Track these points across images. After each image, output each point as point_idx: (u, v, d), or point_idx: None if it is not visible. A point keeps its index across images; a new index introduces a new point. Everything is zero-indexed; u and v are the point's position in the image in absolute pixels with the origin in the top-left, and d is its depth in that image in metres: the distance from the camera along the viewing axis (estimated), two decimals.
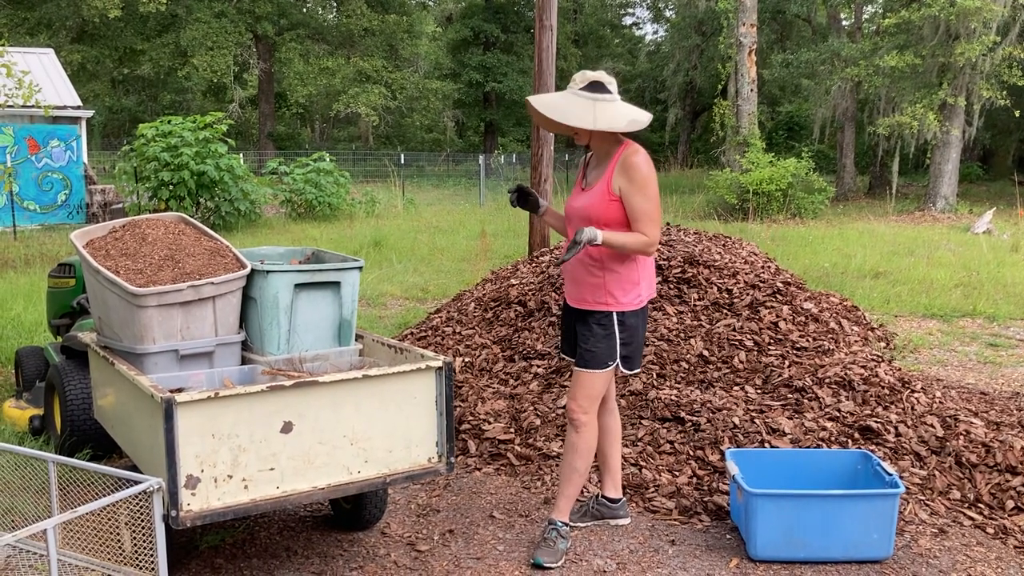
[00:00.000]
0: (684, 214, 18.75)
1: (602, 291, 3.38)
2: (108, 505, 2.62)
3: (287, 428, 2.90)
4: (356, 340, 3.70)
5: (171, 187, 15.45)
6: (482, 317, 6.04)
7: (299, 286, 3.45)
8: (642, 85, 44.04)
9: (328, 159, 18.86)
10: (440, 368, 3.18)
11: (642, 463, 4.19)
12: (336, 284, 3.56)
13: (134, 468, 3.37)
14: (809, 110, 28.92)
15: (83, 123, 18.59)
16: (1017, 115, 20.00)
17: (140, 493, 2.66)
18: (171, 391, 2.90)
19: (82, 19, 28.05)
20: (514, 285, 6.18)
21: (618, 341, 3.40)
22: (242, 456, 2.84)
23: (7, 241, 14.24)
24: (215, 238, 3.62)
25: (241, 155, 18.17)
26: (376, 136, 39.86)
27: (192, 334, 3.33)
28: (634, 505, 3.94)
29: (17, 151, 17.39)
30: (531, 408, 4.77)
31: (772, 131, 33.20)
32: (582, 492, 4.00)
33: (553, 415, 4.67)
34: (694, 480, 4.06)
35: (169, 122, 16.07)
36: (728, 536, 3.65)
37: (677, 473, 4.11)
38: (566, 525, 3.53)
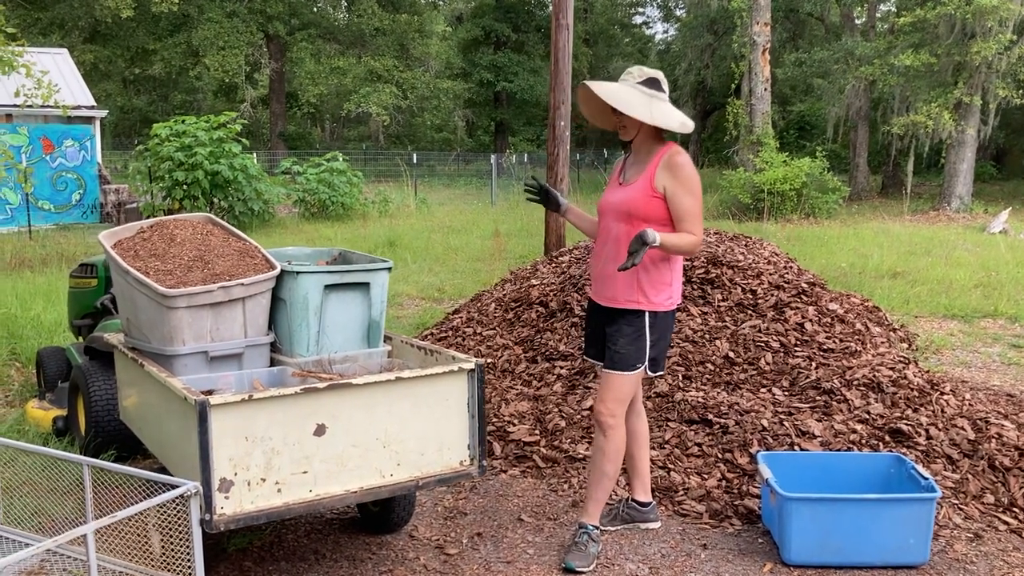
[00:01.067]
0: None
1: (635, 289, 3.34)
2: (144, 508, 2.60)
3: (320, 431, 2.88)
4: (385, 341, 3.67)
5: (185, 187, 15.46)
6: (503, 318, 6.01)
7: (328, 287, 3.42)
8: None
9: (341, 159, 18.85)
10: (472, 370, 3.15)
11: (670, 466, 4.16)
12: (365, 285, 3.53)
13: (161, 469, 3.35)
14: (821, 109, 28.79)
15: (97, 123, 18.65)
16: None
17: (177, 497, 2.63)
18: (202, 393, 2.88)
19: (94, 19, 28.13)
20: (535, 285, 6.15)
21: (648, 343, 3.37)
22: (275, 459, 2.81)
23: (23, 241, 14.28)
24: (244, 239, 3.60)
25: (255, 155, 18.18)
26: (387, 136, 39.87)
27: (222, 335, 3.31)
28: (663, 508, 3.90)
29: (32, 151, 17.44)
30: (556, 410, 4.74)
31: (783, 130, 33.06)
32: (611, 496, 3.97)
33: (578, 417, 4.63)
34: (723, 483, 4.02)
35: (183, 122, 16.08)
36: (760, 540, 3.61)
37: (706, 476, 4.07)
38: (596, 528, 3.50)
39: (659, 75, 3.33)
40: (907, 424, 4.25)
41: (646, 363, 3.38)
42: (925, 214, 19.45)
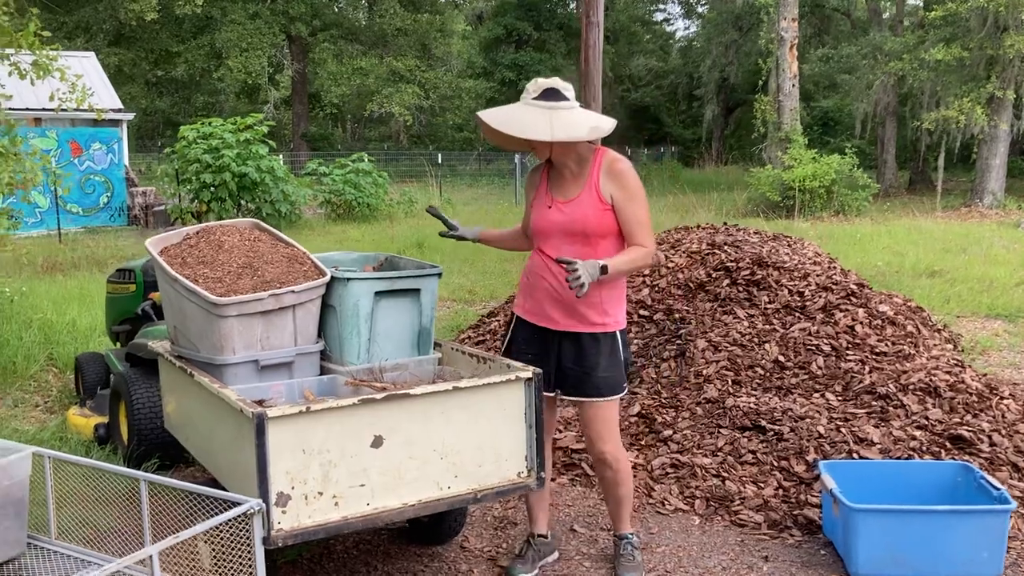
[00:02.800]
0: (727, 212, 18.48)
1: (599, 311, 3.19)
2: (208, 527, 2.53)
3: (378, 442, 2.80)
4: (435, 348, 3.59)
5: (212, 189, 15.48)
6: None
7: (379, 294, 3.34)
8: (675, 81, 43.75)
9: (367, 160, 18.83)
10: (530, 379, 3.06)
11: (724, 474, 4.05)
12: (415, 291, 3.45)
13: (212, 481, 3.28)
14: (847, 105, 28.46)
15: (124, 126, 18.73)
16: None
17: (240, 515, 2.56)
18: (256, 404, 2.81)
19: (119, 22, 28.30)
20: None
21: (623, 360, 3.26)
22: (332, 472, 2.73)
23: (53, 244, 14.34)
24: (292, 244, 3.53)
25: (280, 157, 18.19)
26: (408, 136, 39.88)
27: (272, 344, 3.24)
28: (719, 519, 3.80)
29: (60, 154, 17.53)
30: None
31: (808, 126, 32.73)
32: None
33: (625, 424, 4.53)
34: (780, 492, 3.91)
35: (210, 124, 16.10)
36: (823, 552, 3.50)
37: (762, 485, 3.96)
38: (636, 535, 3.43)
39: (556, 83, 3.07)
40: (968, 430, 4.11)
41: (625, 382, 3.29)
42: (956, 211, 19.14)
